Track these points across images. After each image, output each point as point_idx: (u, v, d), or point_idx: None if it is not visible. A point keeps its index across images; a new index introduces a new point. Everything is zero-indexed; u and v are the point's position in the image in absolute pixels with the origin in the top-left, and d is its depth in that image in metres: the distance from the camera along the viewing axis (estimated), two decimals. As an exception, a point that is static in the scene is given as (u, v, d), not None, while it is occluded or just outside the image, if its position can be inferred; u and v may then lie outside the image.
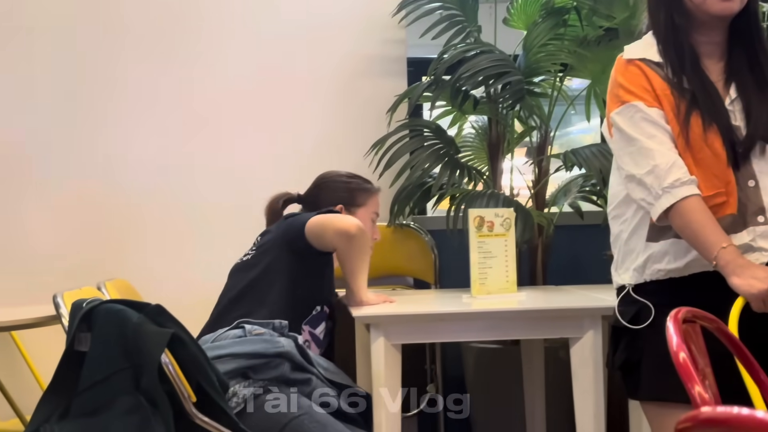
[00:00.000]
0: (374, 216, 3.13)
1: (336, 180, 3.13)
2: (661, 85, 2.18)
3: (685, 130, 2.14)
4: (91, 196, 3.79)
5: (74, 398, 1.96)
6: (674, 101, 2.16)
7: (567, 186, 3.73)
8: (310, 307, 2.78)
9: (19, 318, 2.85)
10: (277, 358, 2.42)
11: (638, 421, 2.83)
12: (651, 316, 2.16)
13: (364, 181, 3.17)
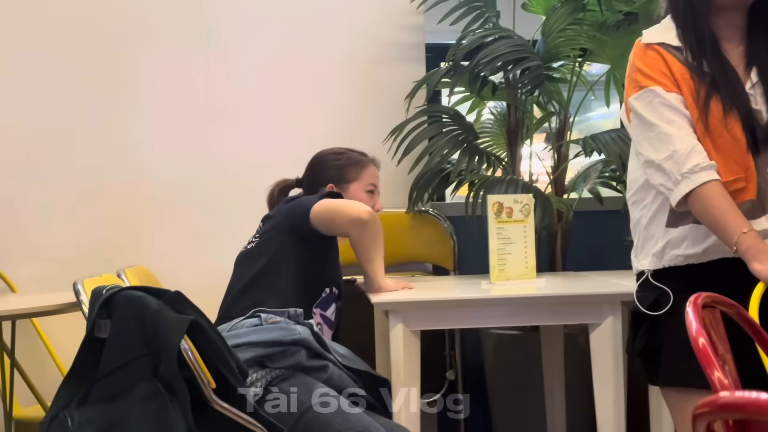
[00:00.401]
0: (370, 187, 3.07)
1: (326, 159, 3.08)
2: (680, 70, 2.17)
3: (705, 114, 2.12)
4: (111, 184, 3.80)
5: (94, 384, 1.97)
6: (693, 86, 2.15)
7: (586, 172, 3.72)
8: (320, 290, 2.77)
9: (39, 305, 2.87)
10: (294, 345, 2.42)
11: (658, 407, 2.82)
12: (670, 302, 2.15)
13: (357, 153, 3.11)
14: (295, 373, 2.40)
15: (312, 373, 2.43)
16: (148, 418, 1.90)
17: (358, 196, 3.00)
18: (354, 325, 3.61)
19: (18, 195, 3.77)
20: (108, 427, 1.91)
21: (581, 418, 3.45)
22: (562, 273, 3.55)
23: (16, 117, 3.79)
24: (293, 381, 2.37)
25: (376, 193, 3.09)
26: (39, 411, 3.33)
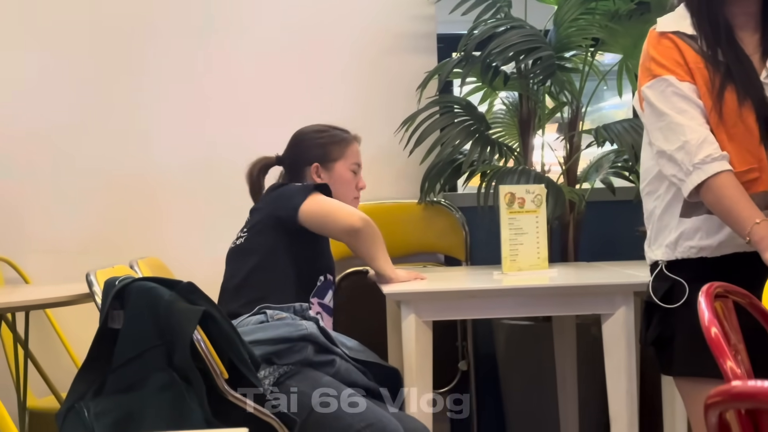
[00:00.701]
0: (354, 167, 3.00)
1: (309, 136, 3.00)
2: (694, 59, 2.16)
3: (719, 104, 2.11)
4: (123, 175, 3.81)
5: (109, 375, 1.98)
6: (708, 75, 2.14)
7: (599, 162, 3.72)
8: (314, 279, 2.76)
9: (53, 296, 2.88)
10: (301, 341, 2.42)
11: (671, 397, 2.83)
12: (685, 294, 2.15)
13: (340, 131, 3.03)
14: (302, 368, 2.40)
15: (320, 368, 2.43)
16: (165, 407, 1.91)
17: (344, 175, 2.95)
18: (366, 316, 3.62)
19: (31, 187, 3.79)
20: (125, 417, 1.92)
21: (594, 409, 3.46)
22: (575, 263, 3.55)
23: (28, 111, 3.80)
24: (301, 377, 2.38)
25: (359, 171, 3.03)
26: (53, 402, 3.35)
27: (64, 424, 1.96)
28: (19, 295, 3.17)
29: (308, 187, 2.79)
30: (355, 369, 2.50)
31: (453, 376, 3.79)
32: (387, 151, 3.79)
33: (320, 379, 2.39)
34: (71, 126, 3.81)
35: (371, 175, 3.86)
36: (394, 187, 3.87)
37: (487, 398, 3.85)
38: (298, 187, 2.82)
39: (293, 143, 3.03)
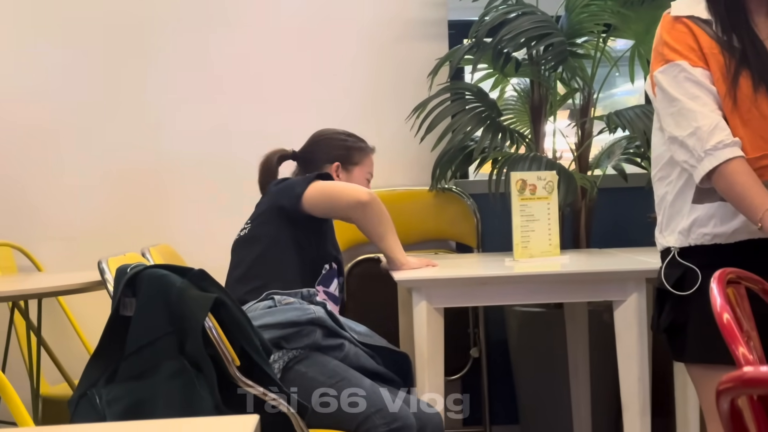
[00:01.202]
0: (369, 176, 3.03)
1: (333, 137, 3.02)
2: (708, 44, 2.14)
3: (733, 89, 2.10)
4: (135, 163, 3.82)
5: (121, 362, 1.99)
6: (723, 60, 2.12)
7: (610, 148, 3.70)
8: (319, 268, 2.74)
9: (65, 283, 2.89)
10: (310, 325, 2.42)
11: (683, 383, 2.82)
12: (698, 281, 2.14)
13: (360, 140, 3.06)
14: (311, 353, 2.41)
15: (328, 352, 2.44)
16: (176, 395, 1.92)
17: (360, 181, 2.96)
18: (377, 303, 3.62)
19: (44, 176, 3.80)
20: (136, 404, 1.93)
21: (606, 395, 3.45)
22: (586, 250, 3.55)
23: (41, 97, 3.81)
24: (310, 361, 2.38)
25: (370, 181, 3.05)
26: (66, 389, 3.37)
27: (76, 410, 1.97)
28: (32, 283, 3.18)
29: (310, 177, 2.77)
30: (363, 353, 2.50)
31: (465, 363, 3.80)
32: (398, 138, 3.79)
33: (329, 363, 2.39)
34: (84, 114, 3.81)
35: (382, 162, 3.86)
36: (405, 174, 3.86)
37: (499, 385, 3.85)
38: (300, 178, 2.82)
39: (315, 140, 3.04)
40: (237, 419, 1.13)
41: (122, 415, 1.90)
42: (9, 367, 3.41)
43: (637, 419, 2.67)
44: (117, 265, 2.12)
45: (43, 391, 3.36)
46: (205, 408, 1.88)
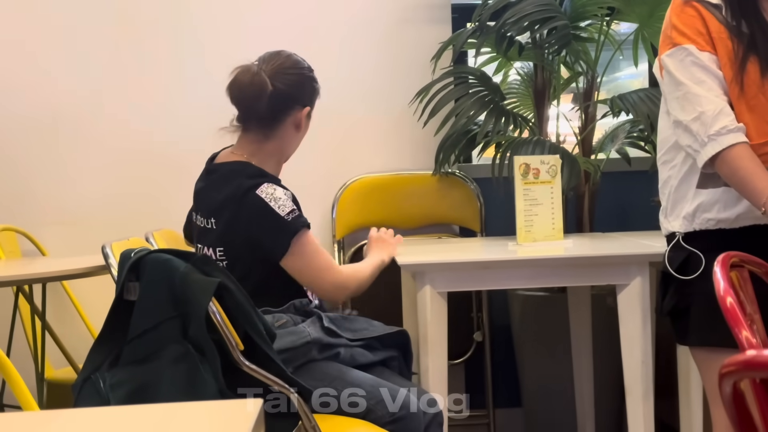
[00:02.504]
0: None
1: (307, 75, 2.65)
2: (717, 28, 2.13)
3: (740, 75, 2.09)
4: (138, 147, 3.82)
5: (125, 346, 1.99)
6: (731, 45, 2.12)
7: (614, 132, 3.70)
8: None
9: (69, 268, 2.90)
10: (305, 347, 2.41)
11: (686, 367, 2.82)
12: (702, 265, 2.14)
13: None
14: (307, 364, 2.39)
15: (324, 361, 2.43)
16: (179, 379, 1.92)
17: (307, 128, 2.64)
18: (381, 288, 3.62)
19: (48, 159, 3.80)
20: (140, 388, 1.93)
21: (609, 379, 3.46)
22: (590, 234, 3.54)
23: (47, 81, 3.80)
24: (305, 371, 2.36)
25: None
26: (70, 373, 3.38)
27: (80, 394, 1.97)
28: (36, 267, 3.19)
29: (292, 227, 2.42)
30: (360, 350, 2.48)
31: (468, 347, 3.80)
32: (401, 123, 3.79)
33: (326, 368, 2.39)
34: (88, 98, 3.81)
35: (386, 146, 3.87)
36: (408, 158, 3.86)
37: (503, 369, 3.86)
38: (278, 218, 2.42)
39: (292, 69, 2.60)
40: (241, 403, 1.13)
41: (126, 399, 1.91)
42: (13, 352, 3.42)
43: (640, 402, 2.68)
44: (121, 250, 2.13)
45: (48, 375, 3.36)
46: (209, 392, 1.88)
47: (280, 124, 2.57)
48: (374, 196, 3.81)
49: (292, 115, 2.57)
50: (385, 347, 2.55)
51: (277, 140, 2.58)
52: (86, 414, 1.29)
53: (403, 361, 2.58)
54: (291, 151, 2.65)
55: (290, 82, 2.57)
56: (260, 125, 2.57)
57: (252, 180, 2.48)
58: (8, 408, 3.46)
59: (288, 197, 2.46)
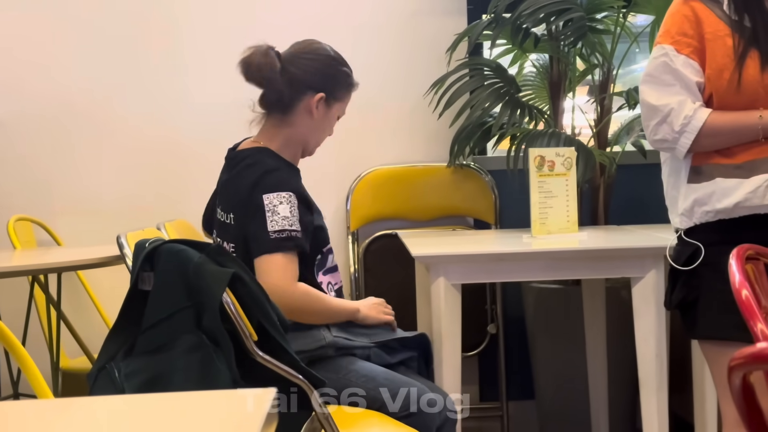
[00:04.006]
0: (341, 116, 2.67)
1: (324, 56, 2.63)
2: (714, 27, 2.15)
3: (739, 69, 2.11)
4: (152, 138, 3.83)
5: (139, 336, 2.00)
6: (730, 41, 2.14)
7: (630, 124, 3.69)
8: (311, 263, 2.53)
9: (84, 258, 2.91)
10: (319, 350, 2.41)
11: (701, 361, 2.81)
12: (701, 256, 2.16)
13: (349, 68, 2.68)
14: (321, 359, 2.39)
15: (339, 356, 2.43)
16: (193, 368, 1.93)
17: (333, 120, 2.61)
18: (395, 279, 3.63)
19: (63, 150, 3.81)
20: (154, 377, 1.94)
21: (623, 372, 3.45)
22: (604, 226, 3.54)
23: (63, 72, 3.82)
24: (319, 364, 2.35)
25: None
26: (85, 362, 3.39)
27: (95, 384, 1.98)
28: (52, 257, 3.20)
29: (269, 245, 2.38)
30: (377, 351, 2.47)
31: (482, 339, 3.80)
32: (416, 114, 3.78)
33: (340, 361, 2.39)
34: (103, 89, 3.82)
35: (400, 138, 3.87)
36: (423, 150, 3.85)
37: (516, 361, 3.86)
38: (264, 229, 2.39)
39: (304, 50, 2.59)
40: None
41: (140, 388, 1.92)
42: (29, 341, 3.44)
43: (654, 396, 2.67)
44: (135, 240, 2.13)
45: (63, 365, 3.38)
46: (223, 382, 1.89)
47: (293, 109, 2.56)
48: (388, 187, 3.81)
49: (304, 101, 2.54)
50: (405, 348, 2.55)
51: (292, 127, 2.57)
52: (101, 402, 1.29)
53: (423, 362, 2.59)
54: (311, 139, 2.60)
55: (304, 67, 2.55)
56: (276, 109, 2.58)
57: (267, 176, 2.46)
58: (23, 397, 3.47)
59: (289, 215, 2.41)
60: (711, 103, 2.18)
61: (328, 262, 2.60)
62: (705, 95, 2.18)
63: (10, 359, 3.54)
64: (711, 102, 2.18)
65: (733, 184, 2.13)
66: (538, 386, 3.74)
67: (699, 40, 2.15)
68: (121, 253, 2.29)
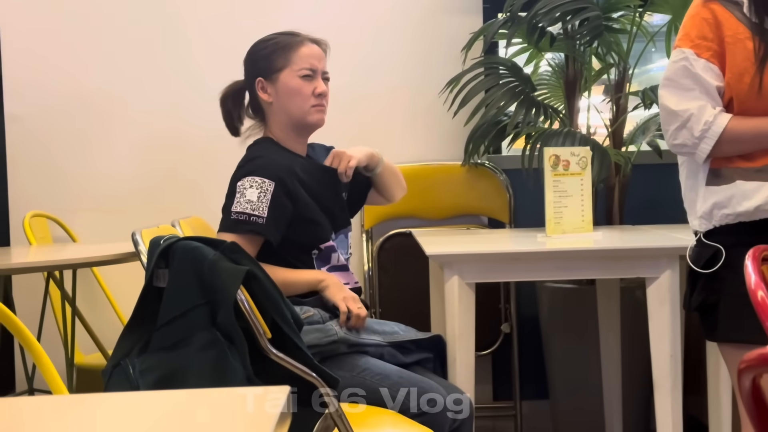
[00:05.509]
0: (305, 72, 2.60)
1: (252, 50, 2.71)
2: (734, 30, 2.13)
3: (760, 73, 2.10)
4: (167, 135, 3.83)
5: (154, 333, 2.01)
6: (751, 45, 2.11)
7: (645, 124, 3.68)
8: (308, 260, 2.55)
9: (99, 254, 2.92)
10: (331, 345, 2.41)
11: (716, 361, 2.80)
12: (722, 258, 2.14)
13: (288, 35, 2.68)
14: (334, 357, 2.39)
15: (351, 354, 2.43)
16: (208, 365, 1.93)
17: (290, 84, 2.59)
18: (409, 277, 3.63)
19: (79, 147, 3.82)
20: (169, 374, 1.95)
21: (637, 373, 3.44)
22: (619, 226, 3.53)
23: (79, 68, 3.83)
24: (332, 362, 2.35)
25: (316, 76, 2.61)
26: (99, 358, 3.40)
27: (110, 380, 1.99)
28: (67, 254, 3.22)
29: (227, 223, 2.50)
30: (390, 350, 2.47)
31: (496, 339, 3.80)
32: (431, 113, 3.78)
33: (353, 359, 2.39)
34: (119, 85, 3.82)
35: (415, 136, 3.87)
36: (437, 148, 3.85)
37: (530, 361, 3.85)
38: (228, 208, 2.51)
39: (244, 62, 2.72)
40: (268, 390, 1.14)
41: (155, 385, 1.92)
42: (44, 337, 3.45)
43: (668, 397, 2.66)
44: (150, 237, 2.14)
45: (78, 361, 3.39)
46: (237, 379, 1.89)
47: (259, 103, 2.69)
48: (403, 186, 3.81)
49: (258, 93, 2.65)
50: (420, 349, 2.55)
51: (270, 114, 2.67)
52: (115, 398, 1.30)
53: (438, 364, 2.58)
54: (289, 111, 2.62)
55: (245, 66, 2.72)
56: (252, 112, 2.74)
57: (248, 163, 2.57)
58: (39, 392, 3.49)
59: (255, 200, 2.47)
60: (731, 108, 2.16)
61: (332, 260, 2.60)
62: (725, 99, 2.16)
63: (26, 355, 3.55)
64: (731, 106, 2.16)
65: (754, 187, 2.11)
66: (552, 386, 3.74)
67: (719, 44, 2.13)
68: (136, 249, 2.29)
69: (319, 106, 2.62)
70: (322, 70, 2.64)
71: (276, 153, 2.60)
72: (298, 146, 2.66)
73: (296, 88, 2.59)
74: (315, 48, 2.65)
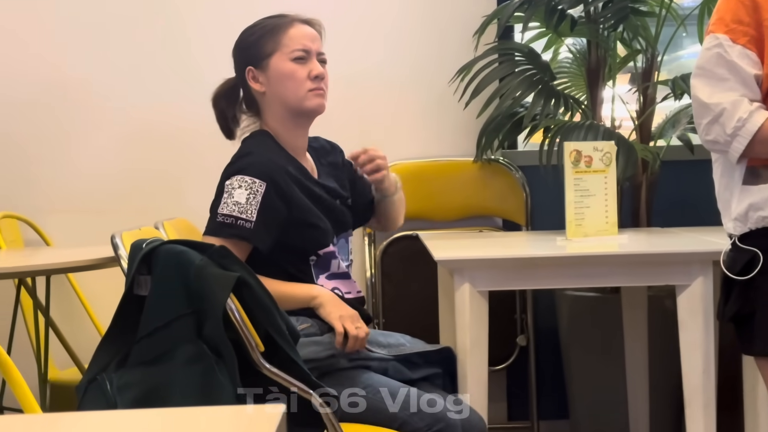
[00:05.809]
0: (297, 53, 2.58)
1: (239, 41, 2.71)
2: None
3: None
4: (150, 130, 3.84)
5: (134, 345, 2.01)
6: None
7: (676, 116, 3.68)
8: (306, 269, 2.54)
9: (75, 259, 2.92)
10: (329, 359, 2.41)
11: (753, 376, 2.80)
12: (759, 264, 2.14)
13: (274, 18, 2.68)
14: (333, 372, 2.39)
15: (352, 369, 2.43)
16: (193, 382, 1.93)
17: (282, 69, 2.58)
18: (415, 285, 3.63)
19: (52, 143, 3.82)
20: (150, 391, 1.95)
21: (666, 389, 3.45)
22: (647, 229, 3.53)
23: (55, 55, 3.83)
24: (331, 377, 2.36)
25: (310, 58, 2.59)
26: (76, 374, 3.41)
27: (84, 396, 1.99)
28: (40, 258, 3.22)
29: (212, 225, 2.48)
30: (395, 365, 2.48)
31: (511, 352, 3.80)
32: (440, 103, 3.79)
33: (353, 374, 2.39)
34: (98, 74, 3.83)
35: (423, 130, 3.87)
36: (447, 143, 3.85)
37: (548, 376, 3.85)
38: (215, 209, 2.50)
39: (232, 54, 2.72)
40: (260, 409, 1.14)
41: (134, 403, 1.92)
42: (15, 350, 3.46)
43: (700, 415, 2.66)
44: (131, 240, 2.14)
45: (51, 376, 3.40)
46: (226, 396, 1.89)
47: (252, 95, 2.66)
48: (410, 184, 3.78)
49: (249, 83, 2.64)
50: (428, 364, 2.55)
51: (265, 104, 2.65)
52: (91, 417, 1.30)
53: (448, 379, 2.59)
54: (284, 98, 2.61)
55: (234, 57, 2.71)
56: (247, 106, 2.72)
57: (239, 160, 2.57)
58: (8, 411, 3.49)
59: (244, 202, 2.45)
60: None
61: (332, 267, 2.59)
62: (764, 89, 2.16)
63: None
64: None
65: None
66: (573, 404, 3.74)
67: (756, 28, 2.13)
68: (116, 254, 2.29)
69: (318, 90, 2.59)
70: (317, 51, 2.62)
71: (271, 149, 2.59)
72: (298, 138, 2.65)
73: (289, 72, 2.57)
74: (306, 28, 2.64)
